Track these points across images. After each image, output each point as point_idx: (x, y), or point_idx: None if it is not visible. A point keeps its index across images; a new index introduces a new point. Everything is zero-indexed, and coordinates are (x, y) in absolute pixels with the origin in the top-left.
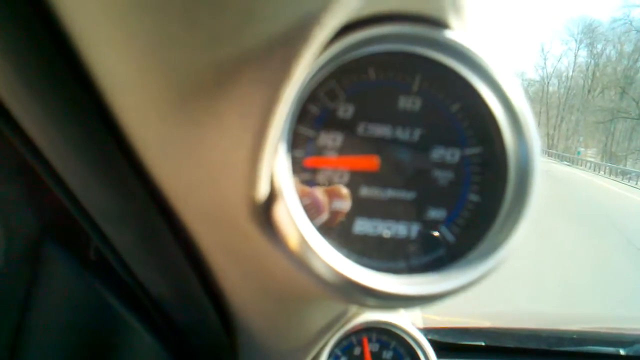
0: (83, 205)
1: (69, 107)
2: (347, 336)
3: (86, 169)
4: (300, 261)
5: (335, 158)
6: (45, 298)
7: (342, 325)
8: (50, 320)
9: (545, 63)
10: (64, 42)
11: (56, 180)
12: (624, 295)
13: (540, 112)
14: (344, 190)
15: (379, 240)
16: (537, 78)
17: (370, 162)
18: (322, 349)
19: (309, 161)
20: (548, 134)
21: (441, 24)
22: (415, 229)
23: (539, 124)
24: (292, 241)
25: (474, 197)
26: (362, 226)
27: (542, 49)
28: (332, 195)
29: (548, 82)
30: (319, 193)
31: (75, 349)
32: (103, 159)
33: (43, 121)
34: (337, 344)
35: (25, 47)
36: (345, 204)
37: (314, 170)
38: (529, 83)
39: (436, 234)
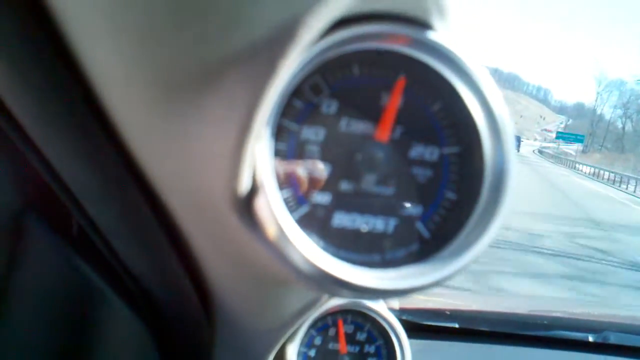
0: (66, 184)
1: (54, 88)
2: (322, 317)
3: (70, 150)
4: (278, 252)
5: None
6: (25, 271)
7: (319, 307)
8: (29, 293)
9: None
10: (54, 29)
11: (40, 160)
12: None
13: None
14: (321, 165)
15: (356, 234)
16: None
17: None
18: (298, 329)
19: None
20: None
21: (425, 25)
22: (392, 224)
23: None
24: (271, 232)
25: (450, 195)
26: (341, 220)
27: None
28: (311, 171)
29: None
30: (299, 169)
31: (53, 322)
32: (87, 141)
33: (27, 101)
34: (313, 325)
35: (13, 31)
36: (325, 197)
37: (295, 164)
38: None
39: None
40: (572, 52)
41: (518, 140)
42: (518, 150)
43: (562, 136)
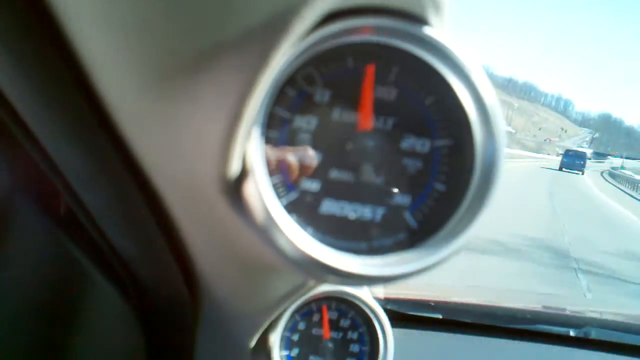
0: (56, 165)
1: (47, 71)
2: (307, 303)
3: (61, 131)
4: (265, 237)
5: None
6: (13, 251)
7: (304, 293)
8: (17, 273)
9: None
10: (47, 13)
11: (30, 140)
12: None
13: None
14: (311, 153)
15: (344, 221)
16: None
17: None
18: (282, 313)
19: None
20: None
21: (420, 20)
22: (379, 213)
23: None
24: (259, 217)
25: (439, 187)
26: (329, 207)
27: None
28: (301, 158)
29: None
30: (289, 156)
31: (41, 302)
32: (79, 124)
33: (20, 83)
34: (297, 310)
35: (8, 17)
36: (314, 184)
37: (286, 151)
38: None
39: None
40: (595, 59)
41: (583, 159)
42: (582, 173)
43: None
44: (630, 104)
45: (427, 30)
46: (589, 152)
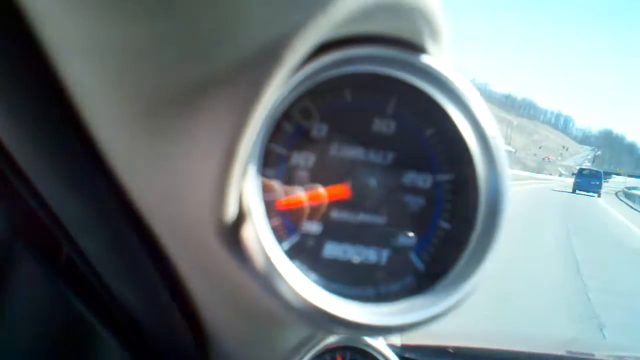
0: (54, 213)
1: (40, 115)
2: (321, 354)
3: (57, 178)
4: (266, 284)
5: (308, 193)
6: (13, 301)
7: (316, 343)
8: (17, 322)
9: None
10: (37, 51)
11: (27, 187)
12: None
13: None
14: (322, 190)
15: (348, 265)
16: None
17: (342, 191)
18: None
19: (280, 204)
20: None
21: (418, 49)
22: (385, 255)
23: None
24: (259, 264)
25: (444, 224)
26: (332, 250)
27: None
28: (312, 198)
29: None
30: (300, 193)
31: (40, 352)
32: (74, 168)
33: (14, 129)
34: None
35: None
36: (315, 226)
37: (285, 189)
38: None
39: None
40: (594, 74)
41: (599, 179)
42: (599, 195)
43: None
44: (632, 119)
45: (425, 59)
46: None
